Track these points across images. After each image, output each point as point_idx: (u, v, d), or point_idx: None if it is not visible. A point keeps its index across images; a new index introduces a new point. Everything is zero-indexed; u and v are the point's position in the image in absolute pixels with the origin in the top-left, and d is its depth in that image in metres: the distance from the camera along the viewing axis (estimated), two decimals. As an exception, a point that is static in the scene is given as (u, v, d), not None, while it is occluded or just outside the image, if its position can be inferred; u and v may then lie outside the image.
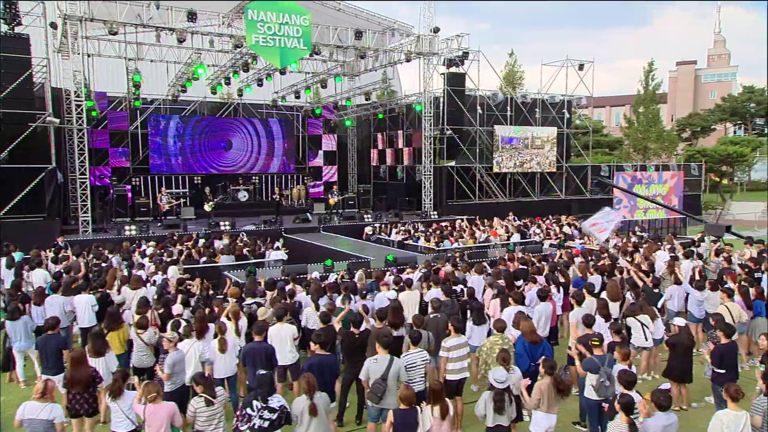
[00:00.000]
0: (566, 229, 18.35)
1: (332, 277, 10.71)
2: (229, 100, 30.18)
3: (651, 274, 10.54)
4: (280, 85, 28.88)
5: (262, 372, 5.57)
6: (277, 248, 15.03)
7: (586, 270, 10.87)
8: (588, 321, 7.31)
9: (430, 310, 8.19)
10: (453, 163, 26.54)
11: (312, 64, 28.28)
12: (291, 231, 20.30)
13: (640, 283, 10.08)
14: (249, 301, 9.15)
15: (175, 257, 13.44)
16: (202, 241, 15.70)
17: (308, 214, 23.14)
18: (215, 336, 7.43)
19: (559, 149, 29.75)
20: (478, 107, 26.95)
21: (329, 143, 32.16)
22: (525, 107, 28.81)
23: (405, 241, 17.41)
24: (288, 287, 9.88)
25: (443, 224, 20.33)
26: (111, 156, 25.84)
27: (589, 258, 12.54)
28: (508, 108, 28.22)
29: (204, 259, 13.34)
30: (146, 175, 26.84)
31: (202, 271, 12.45)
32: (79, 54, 18.44)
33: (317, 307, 8.68)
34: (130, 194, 24.17)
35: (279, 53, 19.13)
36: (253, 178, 28.68)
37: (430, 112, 25.17)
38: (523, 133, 28.27)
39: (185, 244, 14.93)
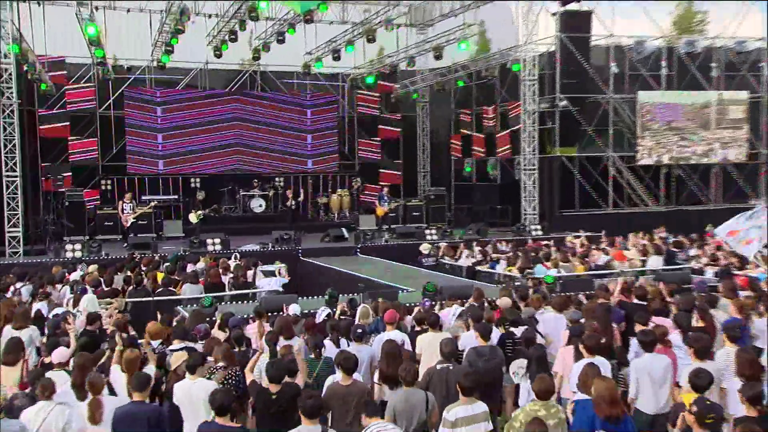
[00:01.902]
0: (743, 249, 16.88)
1: (322, 313, 10.32)
2: (243, 66, 30.76)
3: None
4: (315, 43, 29.09)
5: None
6: (271, 274, 14.97)
7: (752, 307, 9.97)
8: (698, 381, 6.46)
9: (439, 359, 7.82)
10: (574, 153, 25.82)
11: (359, 11, 28.14)
12: (314, 253, 20.83)
13: None
14: (177, 345, 8.89)
15: (118, 286, 13.67)
16: (167, 265, 15.82)
17: (343, 229, 23.21)
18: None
19: (754, 127, 27.74)
20: (612, 64, 26.04)
21: (389, 127, 32.10)
22: (694, 61, 27.21)
23: (477, 267, 17.42)
24: (250, 327, 9.94)
25: (545, 243, 19.74)
26: (72, 149, 27.08)
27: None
28: (663, 64, 26.91)
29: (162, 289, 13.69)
30: (122, 176, 27.89)
31: (154, 306, 12.64)
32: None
33: (273, 354, 8.36)
34: (93, 203, 25.17)
35: (298, -10, 19.21)
36: (276, 179, 29.03)
37: (534, 74, 24.31)
38: (689, 101, 26.65)
39: (140, 268, 15.11)
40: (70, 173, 26.69)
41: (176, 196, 26.70)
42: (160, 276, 14.82)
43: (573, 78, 25.07)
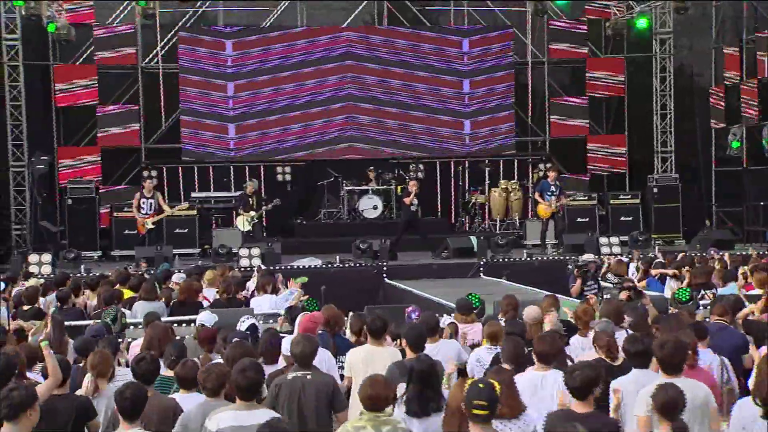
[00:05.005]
0: None
1: (243, 325, 11.88)
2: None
3: None
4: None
5: None
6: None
7: None
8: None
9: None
10: None
11: None
12: (409, 272, 22.45)
13: None
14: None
15: (47, 306, 15.94)
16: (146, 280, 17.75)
17: (472, 239, 24.35)
18: None
19: None
20: None
21: (601, 80, 32.46)
22: None
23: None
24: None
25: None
26: (101, 124, 30.09)
27: None
28: None
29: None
30: (175, 164, 30.71)
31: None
32: None
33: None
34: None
35: None
36: (411, 167, 30.66)
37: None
38: None
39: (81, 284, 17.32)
40: (98, 160, 29.99)
41: (237, 193, 28.22)
42: (127, 294, 16.82)
43: None
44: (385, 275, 21.78)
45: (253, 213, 25.04)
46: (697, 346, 9.64)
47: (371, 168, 29.68)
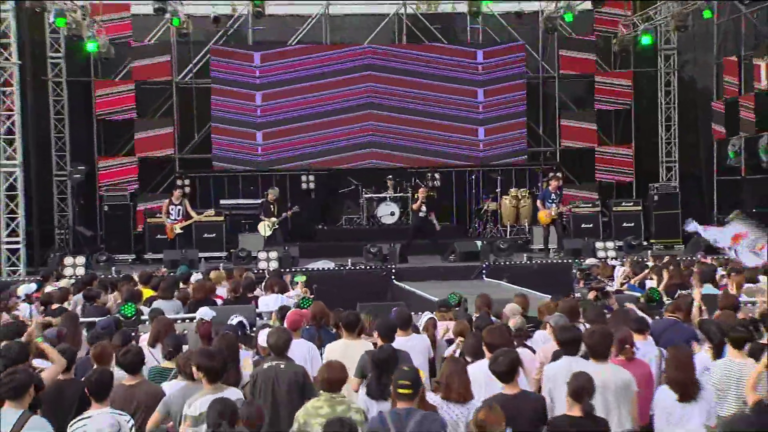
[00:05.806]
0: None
1: (234, 320, 13.02)
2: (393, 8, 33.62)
3: None
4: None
5: None
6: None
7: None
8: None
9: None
10: None
11: None
12: (416, 274, 23.49)
13: None
14: None
15: (74, 306, 17.25)
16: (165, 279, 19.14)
17: (478, 243, 25.58)
18: None
19: None
20: None
21: (609, 94, 33.32)
22: None
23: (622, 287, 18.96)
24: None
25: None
26: (138, 134, 31.62)
27: None
28: None
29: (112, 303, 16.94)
30: (207, 173, 32.29)
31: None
32: None
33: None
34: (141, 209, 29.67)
35: None
36: (427, 176, 31.81)
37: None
38: None
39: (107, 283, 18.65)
40: (136, 169, 31.54)
41: (257, 201, 29.57)
42: (147, 293, 18.19)
43: None
44: (393, 277, 22.95)
45: (274, 219, 26.24)
46: (633, 339, 10.27)
47: (389, 177, 30.87)
